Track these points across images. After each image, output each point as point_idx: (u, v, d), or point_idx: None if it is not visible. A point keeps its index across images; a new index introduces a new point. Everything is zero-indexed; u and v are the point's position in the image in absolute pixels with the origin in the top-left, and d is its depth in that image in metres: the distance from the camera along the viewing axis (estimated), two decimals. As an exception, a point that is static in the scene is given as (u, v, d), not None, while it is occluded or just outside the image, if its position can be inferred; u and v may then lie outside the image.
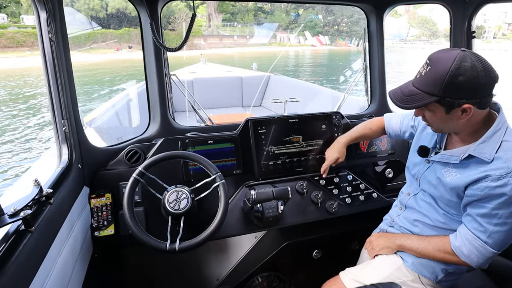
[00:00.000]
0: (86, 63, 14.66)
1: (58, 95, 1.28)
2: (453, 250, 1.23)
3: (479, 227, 1.16)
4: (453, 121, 1.14)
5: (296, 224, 1.73)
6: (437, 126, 1.22)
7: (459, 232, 1.23)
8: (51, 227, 1.09)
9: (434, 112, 1.15)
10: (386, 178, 1.97)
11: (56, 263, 1.10)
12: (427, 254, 1.32)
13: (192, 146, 1.69)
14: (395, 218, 1.51)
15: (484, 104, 1.09)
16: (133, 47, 15.48)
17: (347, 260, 1.69)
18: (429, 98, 1.09)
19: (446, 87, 1.05)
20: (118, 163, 1.64)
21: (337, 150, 1.73)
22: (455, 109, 1.10)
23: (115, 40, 16.18)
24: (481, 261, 1.18)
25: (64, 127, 1.32)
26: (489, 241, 1.15)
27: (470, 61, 1.03)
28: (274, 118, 1.80)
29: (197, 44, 22.13)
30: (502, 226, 1.12)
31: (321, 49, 39.04)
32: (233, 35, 38.13)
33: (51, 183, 1.16)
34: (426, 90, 1.10)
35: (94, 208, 1.53)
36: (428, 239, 1.33)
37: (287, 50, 23.58)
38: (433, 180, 1.30)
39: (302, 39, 37.78)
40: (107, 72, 14.71)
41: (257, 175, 1.75)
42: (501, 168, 1.09)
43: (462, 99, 1.06)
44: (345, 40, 44.72)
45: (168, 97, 1.89)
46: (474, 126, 1.16)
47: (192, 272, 2.05)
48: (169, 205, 1.38)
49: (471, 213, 1.18)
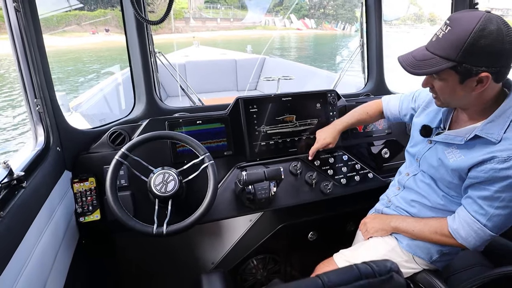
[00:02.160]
0: (66, 48, 13.91)
1: (29, 72, 1.19)
2: (450, 233, 1.18)
3: (479, 209, 1.10)
4: (465, 93, 1.04)
5: (291, 206, 1.68)
6: (445, 99, 1.11)
7: (457, 214, 1.18)
8: (25, 212, 1.02)
9: (446, 82, 1.04)
10: (382, 158, 1.92)
11: (35, 250, 1.05)
12: (423, 236, 1.27)
13: (179, 127, 1.62)
14: (392, 198, 1.46)
15: (501, 75, 1.00)
16: (110, 30, 14.63)
17: (343, 242, 1.65)
18: (444, 64, 0.98)
19: (465, 51, 0.94)
20: (101, 146, 1.56)
21: (330, 135, 1.65)
22: (470, 79, 0.99)
23: (90, 22, 15.01)
24: (478, 244, 1.14)
25: (37, 106, 1.24)
26: (488, 224, 1.10)
27: (496, 24, 0.93)
28: (266, 96, 1.72)
29: (178, 27, 21.05)
30: (504, 209, 1.07)
31: (307, 32, 38.23)
32: (216, 18, 36.96)
33: (25, 166, 1.09)
34: (442, 55, 0.99)
35: (77, 193, 1.47)
36: (424, 221, 1.28)
37: (271, 34, 23.13)
38: (434, 162, 1.23)
39: (288, 23, 36.92)
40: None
41: (249, 156, 1.68)
42: (509, 150, 1.02)
43: (481, 66, 0.95)
44: (331, 23, 43.96)
45: (154, 76, 1.81)
46: (485, 101, 1.07)
47: (186, 257, 2.02)
48: (155, 188, 1.32)
49: (472, 196, 1.12)
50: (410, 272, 1.37)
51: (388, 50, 2.29)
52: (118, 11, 1.72)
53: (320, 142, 1.66)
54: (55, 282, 1.17)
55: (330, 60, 14.36)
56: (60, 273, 1.24)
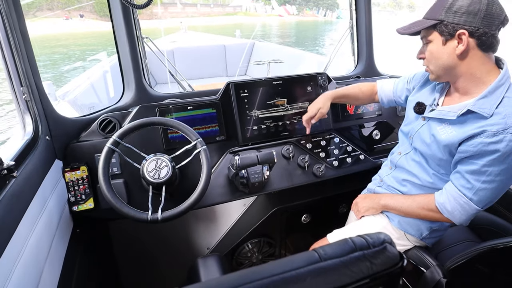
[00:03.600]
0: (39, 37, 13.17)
1: (13, 59, 1.16)
2: (437, 207, 1.22)
3: (466, 183, 1.13)
4: (449, 56, 1.10)
5: (284, 189, 1.70)
6: (434, 66, 1.17)
7: (445, 189, 1.21)
8: (18, 202, 1.01)
9: (432, 45, 1.14)
10: (373, 140, 1.94)
11: (29, 240, 1.04)
12: (411, 212, 1.31)
13: (170, 113, 1.60)
14: (384, 178, 1.49)
15: (484, 41, 1.05)
16: (85, 16, 13.91)
17: (336, 223, 1.68)
18: (428, 22, 1.12)
19: (447, 10, 1.07)
20: (92, 134, 1.54)
21: (321, 101, 1.59)
22: (452, 39, 1.08)
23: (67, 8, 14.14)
24: (464, 218, 1.17)
25: (24, 95, 1.21)
26: (474, 198, 1.13)
27: None
28: (257, 80, 1.71)
29: (157, 13, 19.88)
30: (490, 183, 1.10)
31: (288, 19, 37.71)
32: (195, 4, 36.00)
33: (14, 156, 1.07)
34: (428, 17, 1.13)
35: (69, 182, 1.45)
36: (412, 197, 1.32)
37: (253, 21, 22.61)
38: (426, 138, 1.26)
39: (269, 9, 36.38)
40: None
41: (241, 141, 1.68)
42: (498, 124, 1.04)
43: (459, 24, 1.05)
44: (312, 10, 43.54)
45: (143, 62, 1.77)
46: (475, 73, 1.11)
47: (181, 242, 2.03)
48: (148, 175, 1.32)
49: (460, 170, 1.15)
50: (402, 249, 1.41)
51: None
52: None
53: (311, 109, 1.59)
54: (51, 272, 1.17)
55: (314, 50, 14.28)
56: (56, 262, 1.24)
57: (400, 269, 0.53)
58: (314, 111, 1.58)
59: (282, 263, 0.51)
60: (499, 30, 1.05)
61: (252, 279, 0.48)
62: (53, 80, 7.00)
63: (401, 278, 0.57)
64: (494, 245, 1.12)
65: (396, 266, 0.53)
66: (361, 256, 0.51)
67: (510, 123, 1.03)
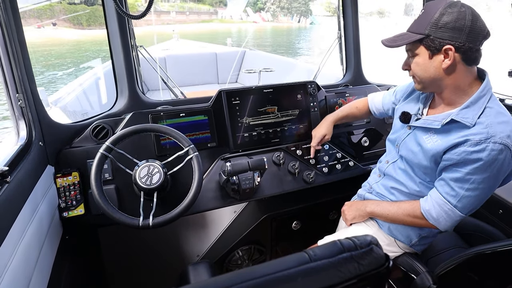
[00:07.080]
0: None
1: (10, 66, 1.17)
2: (422, 214, 1.24)
3: (450, 191, 1.17)
4: (436, 69, 1.13)
5: (274, 195, 1.72)
6: (420, 77, 1.20)
7: (430, 196, 1.24)
8: (10, 208, 1.01)
9: (419, 58, 1.16)
10: (362, 146, 1.98)
11: (19, 246, 1.03)
12: (397, 218, 1.34)
13: (163, 120, 1.62)
14: (373, 185, 1.52)
15: (469, 56, 1.09)
16: (58, 24, 13.43)
17: (326, 230, 1.70)
18: (414, 37, 1.13)
19: (432, 25, 1.09)
20: (84, 140, 1.55)
21: (324, 127, 1.72)
22: (438, 54, 1.10)
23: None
24: (448, 224, 1.21)
25: (19, 101, 1.21)
26: (458, 205, 1.16)
27: (461, 6, 1.07)
28: (248, 88, 1.74)
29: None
30: (474, 191, 1.13)
31: (263, 25, 38.03)
32: (169, 11, 35.78)
33: (8, 161, 1.07)
34: (413, 30, 1.15)
35: (60, 188, 1.45)
36: (398, 204, 1.35)
37: (229, 27, 22.72)
38: (413, 147, 1.29)
39: (244, 16, 36.64)
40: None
41: (232, 148, 1.70)
42: (481, 133, 1.08)
43: (445, 39, 1.07)
44: (287, 16, 44.23)
45: (136, 70, 1.79)
46: (459, 85, 1.15)
47: (171, 249, 2.02)
48: (140, 181, 1.33)
49: (444, 178, 1.19)
50: (392, 255, 1.44)
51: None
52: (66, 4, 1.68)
53: (317, 136, 1.72)
54: (40, 278, 1.16)
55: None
56: (45, 269, 1.23)
57: (386, 269, 0.56)
58: (320, 138, 1.70)
59: (273, 264, 0.54)
60: (481, 45, 1.10)
61: (244, 279, 0.50)
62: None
63: (387, 279, 0.59)
64: (482, 250, 1.15)
65: (382, 266, 0.55)
66: (349, 257, 0.54)
67: (492, 132, 1.07)
